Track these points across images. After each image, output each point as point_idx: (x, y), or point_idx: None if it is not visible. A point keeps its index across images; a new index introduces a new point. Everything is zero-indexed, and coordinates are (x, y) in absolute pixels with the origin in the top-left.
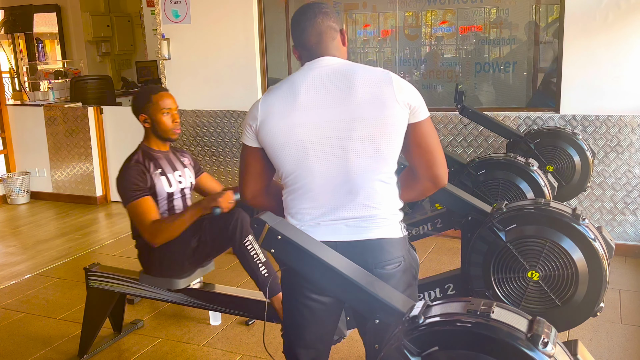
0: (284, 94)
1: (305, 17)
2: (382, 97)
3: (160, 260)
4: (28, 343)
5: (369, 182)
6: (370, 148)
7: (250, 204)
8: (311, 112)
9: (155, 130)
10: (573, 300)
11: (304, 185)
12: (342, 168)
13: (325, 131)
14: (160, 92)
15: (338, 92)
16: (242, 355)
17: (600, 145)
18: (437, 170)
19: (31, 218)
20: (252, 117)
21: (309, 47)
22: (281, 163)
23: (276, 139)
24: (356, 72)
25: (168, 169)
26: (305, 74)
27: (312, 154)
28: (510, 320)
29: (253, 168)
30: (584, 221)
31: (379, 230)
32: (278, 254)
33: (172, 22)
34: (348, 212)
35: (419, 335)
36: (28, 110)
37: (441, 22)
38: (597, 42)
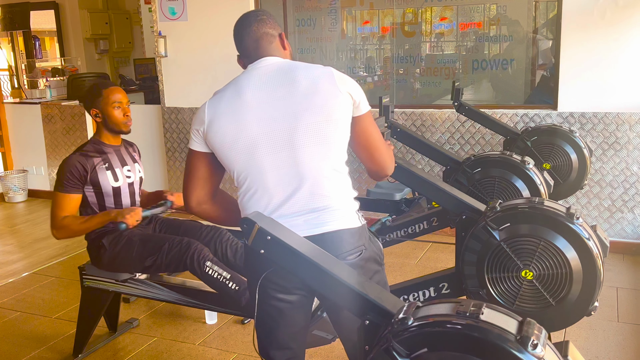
0: (229, 95)
1: (242, 26)
2: (325, 88)
3: (109, 262)
4: (23, 342)
5: (319, 171)
6: (317, 136)
7: (194, 211)
8: (257, 109)
9: (106, 124)
10: (567, 300)
11: (257, 182)
12: (291, 159)
13: (273, 125)
14: (111, 87)
15: (282, 87)
16: (238, 354)
17: (597, 142)
18: (376, 163)
19: (28, 216)
20: (198, 121)
21: (248, 53)
22: (232, 162)
23: (225, 138)
24: (298, 67)
25: (116, 163)
26: (249, 74)
27: (262, 149)
28: (499, 322)
29: (199, 173)
30: (578, 220)
31: (336, 222)
32: (268, 254)
33: (168, 20)
34: (302, 204)
35: (408, 337)
36: (25, 108)
37: (440, 18)
38: (595, 38)
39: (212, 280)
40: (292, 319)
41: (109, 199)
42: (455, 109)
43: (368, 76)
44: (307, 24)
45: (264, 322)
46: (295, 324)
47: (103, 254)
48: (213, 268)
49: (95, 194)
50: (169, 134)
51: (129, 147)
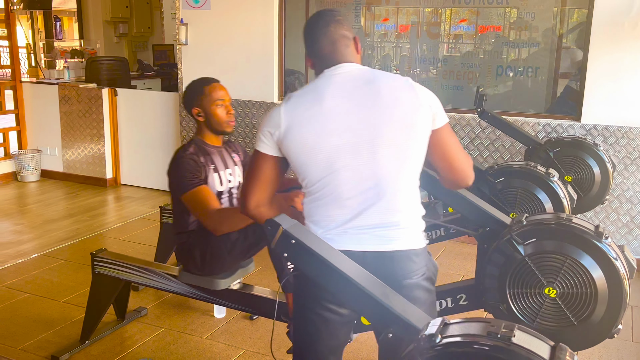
0: (309, 101)
1: (317, 27)
2: (407, 102)
3: (202, 255)
4: (31, 325)
5: (396, 186)
6: (398, 150)
7: (251, 213)
8: (339, 118)
9: (209, 124)
10: (590, 320)
11: (332, 191)
12: (370, 172)
13: (354, 136)
14: (213, 84)
15: (364, 97)
16: (245, 350)
17: (620, 157)
18: (456, 175)
19: (40, 197)
20: (273, 125)
21: (322, 55)
22: (308, 170)
23: (304, 145)
24: (379, 77)
25: (220, 165)
26: (328, 81)
27: (342, 159)
28: (531, 346)
29: (265, 176)
30: (607, 239)
31: (404, 241)
32: (291, 257)
33: (191, 8)
34: (374, 217)
35: (435, 355)
36: (43, 88)
37: (460, 20)
38: (624, 51)
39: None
40: (337, 333)
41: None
42: (477, 114)
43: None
44: None
45: (307, 331)
46: (338, 338)
47: (194, 250)
48: None
49: None
50: (184, 122)
51: (230, 148)
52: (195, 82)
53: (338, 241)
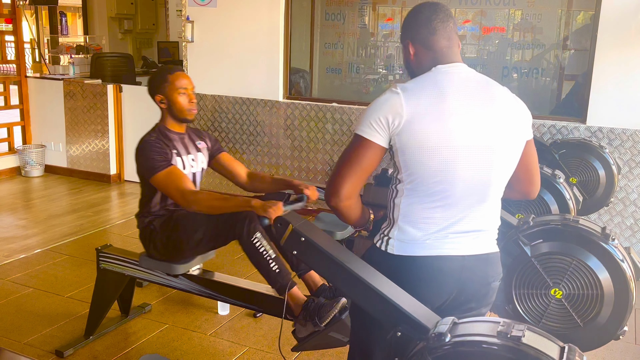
0: (430, 93)
1: (437, 18)
2: (515, 114)
3: (164, 244)
4: (35, 319)
5: (498, 194)
6: (507, 161)
7: (340, 205)
8: (462, 118)
9: (171, 111)
10: (596, 322)
11: (443, 193)
12: (484, 178)
13: (475, 140)
14: (177, 72)
15: (484, 101)
16: (249, 347)
17: (625, 159)
18: (532, 187)
19: (44, 192)
20: (392, 112)
21: (437, 49)
22: (423, 168)
23: (426, 141)
24: (493, 84)
25: (182, 151)
26: (447, 77)
27: (462, 161)
28: (541, 346)
29: (365, 166)
30: (614, 241)
31: (494, 244)
32: (300, 255)
33: (197, 5)
34: (476, 222)
35: (444, 354)
36: (47, 83)
37: (465, 21)
38: (630, 53)
39: (256, 254)
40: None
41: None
42: None
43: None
44: (336, 18)
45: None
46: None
47: (155, 236)
48: (262, 242)
49: None
50: None
51: (195, 134)
52: (159, 69)
53: (436, 247)
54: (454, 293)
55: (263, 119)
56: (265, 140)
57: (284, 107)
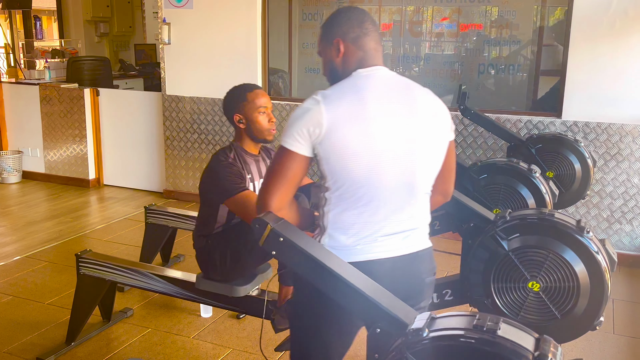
0: (350, 100)
1: (369, 20)
2: (438, 114)
3: (222, 258)
4: (15, 327)
5: (424, 196)
6: (430, 162)
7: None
8: (382, 121)
9: (250, 131)
10: (573, 313)
11: (369, 198)
12: (408, 181)
13: (398, 143)
14: (256, 90)
15: (405, 105)
16: (232, 349)
17: (600, 153)
18: (450, 186)
19: (22, 198)
20: (313, 123)
21: (366, 50)
22: (348, 175)
23: (348, 148)
24: (414, 87)
25: (256, 175)
26: (367, 81)
27: (384, 165)
28: (516, 338)
29: (293, 177)
30: (588, 233)
31: (425, 241)
32: (279, 256)
33: (173, 7)
34: (403, 224)
35: (423, 349)
36: (23, 88)
37: (442, 18)
38: (603, 48)
39: None
40: (349, 340)
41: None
42: (460, 112)
43: None
44: (314, 18)
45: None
46: (348, 345)
47: (214, 252)
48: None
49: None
50: (168, 122)
51: (266, 155)
52: (237, 87)
53: (366, 251)
54: None
55: None
56: None
57: None
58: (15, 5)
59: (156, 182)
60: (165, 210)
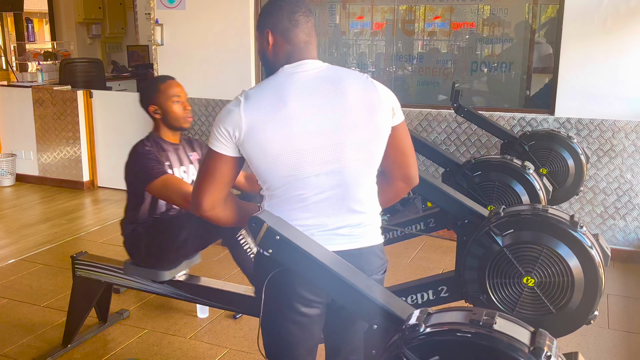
0: (270, 100)
1: (300, 11)
2: (370, 102)
3: (148, 250)
4: (11, 330)
5: (361, 187)
6: (363, 153)
7: (206, 215)
8: (304, 121)
9: (166, 120)
10: (567, 308)
11: (297, 196)
12: (337, 175)
13: (321, 140)
14: (168, 81)
15: (328, 98)
16: (229, 349)
17: (593, 149)
18: (410, 170)
19: (16, 201)
20: (231, 124)
21: (295, 43)
22: (272, 174)
23: (268, 150)
24: (342, 77)
25: (175, 162)
26: (291, 79)
27: (309, 163)
28: (512, 332)
29: (220, 177)
30: (582, 228)
31: (370, 238)
32: (276, 254)
33: (166, 8)
34: (340, 218)
35: (419, 344)
36: (16, 91)
37: (434, 17)
38: (595, 45)
39: (240, 251)
40: (312, 333)
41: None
42: (454, 110)
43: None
44: None
45: (283, 339)
46: (314, 337)
47: (140, 241)
48: (247, 238)
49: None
50: None
51: (188, 145)
52: (150, 80)
53: None
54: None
55: None
56: None
57: None
58: (7, 8)
59: None
60: None
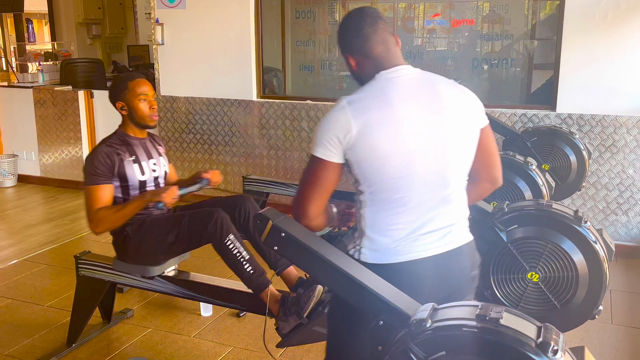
0: (376, 103)
1: (366, 24)
2: (464, 105)
3: (135, 249)
4: (15, 330)
5: (460, 189)
6: (463, 155)
7: (312, 224)
8: (411, 122)
9: (132, 117)
10: (572, 303)
11: (403, 198)
12: (441, 177)
13: (426, 141)
14: (137, 79)
15: (431, 101)
16: (233, 347)
17: (594, 144)
18: (496, 171)
19: (18, 202)
20: (342, 130)
21: (374, 56)
22: (380, 177)
23: (379, 151)
24: (437, 81)
25: (143, 156)
26: (391, 84)
27: (418, 164)
28: (519, 327)
29: (327, 185)
30: (586, 223)
31: (466, 235)
32: (281, 251)
33: (166, 7)
34: (442, 220)
35: (426, 340)
36: (17, 92)
37: (434, 14)
38: (596, 41)
39: (230, 255)
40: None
41: (135, 193)
42: None
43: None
44: (306, 16)
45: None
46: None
47: (128, 242)
48: (235, 243)
49: (121, 188)
50: (163, 122)
51: (154, 140)
52: (119, 77)
53: (407, 251)
54: (433, 292)
55: (237, 119)
56: (241, 140)
57: (258, 106)
58: (7, 9)
59: None
60: None
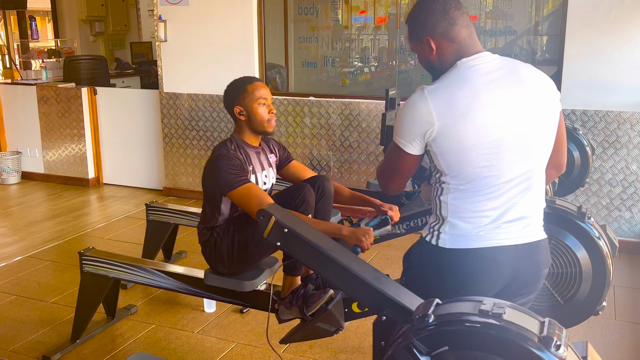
0: (459, 93)
1: (453, 6)
2: (545, 89)
3: (229, 249)
4: (20, 326)
5: (541, 176)
6: (546, 141)
7: (396, 193)
8: (497, 109)
9: (250, 123)
10: (576, 299)
11: (490, 186)
12: (526, 165)
13: (515, 127)
14: (256, 82)
15: (514, 87)
16: (237, 343)
17: (598, 140)
18: (563, 158)
19: (22, 199)
20: (425, 124)
21: (459, 40)
22: (466, 166)
23: (464, 142)
24: (518, 66)
25: (258, 167)
26: (471, 71)
27: (507, 152)
28: (521, 322)
29: (408, 172)
30: (589, 219)
31: (542, 230)
32: (284, 247)
33: (169, 4)
34: (524, 209)
35: (429, 335)
36: (20, 89)
37: None
38: (599, 36)
39: None
40: None
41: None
42: None
43: (365, 67)
44: (309, 12)
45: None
46: None
47: (221, 245)
48: None
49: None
50: (166, 119)
51: (267, 147)
52: (237, 80)
53: (490, 238)
54: (506, 282)
55: None
56: None
57: None
58: (10, 6)
59: (155, 180)
60: (167, 207)
